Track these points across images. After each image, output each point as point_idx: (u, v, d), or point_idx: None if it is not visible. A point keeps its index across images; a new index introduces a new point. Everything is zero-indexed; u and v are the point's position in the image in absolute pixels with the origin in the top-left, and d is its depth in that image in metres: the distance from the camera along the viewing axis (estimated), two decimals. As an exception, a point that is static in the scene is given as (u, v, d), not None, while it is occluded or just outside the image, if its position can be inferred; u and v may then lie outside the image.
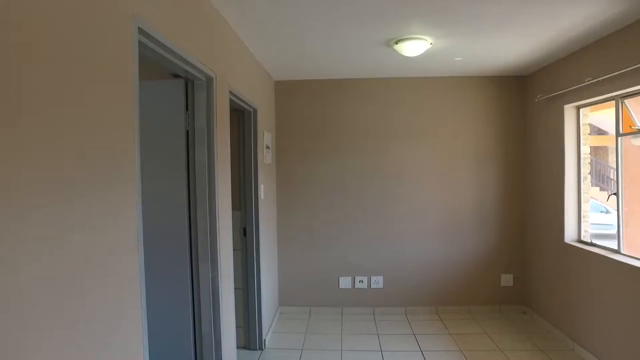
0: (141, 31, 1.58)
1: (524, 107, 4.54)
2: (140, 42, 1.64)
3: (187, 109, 2.47)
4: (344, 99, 4.59)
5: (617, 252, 3.27)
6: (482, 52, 3.62)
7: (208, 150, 2.51)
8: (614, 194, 3.35)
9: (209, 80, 2.49)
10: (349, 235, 4.62)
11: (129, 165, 1.53)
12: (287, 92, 4.62)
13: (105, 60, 1.38)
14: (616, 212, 3.33)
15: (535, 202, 4.39)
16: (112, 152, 1.41)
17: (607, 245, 3.46)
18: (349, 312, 4.63)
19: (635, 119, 3.12)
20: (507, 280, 4.61)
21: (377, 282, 4.61)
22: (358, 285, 4.63)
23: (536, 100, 4.22)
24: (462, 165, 4.58)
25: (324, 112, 4.60)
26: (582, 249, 3.59)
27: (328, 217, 4.63)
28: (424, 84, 4.56)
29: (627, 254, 3.20)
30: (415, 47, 3.20)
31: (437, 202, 4.59)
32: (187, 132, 2.48)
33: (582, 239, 3.80)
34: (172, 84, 2.44)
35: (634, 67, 2.82)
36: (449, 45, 3.39)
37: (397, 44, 3.22)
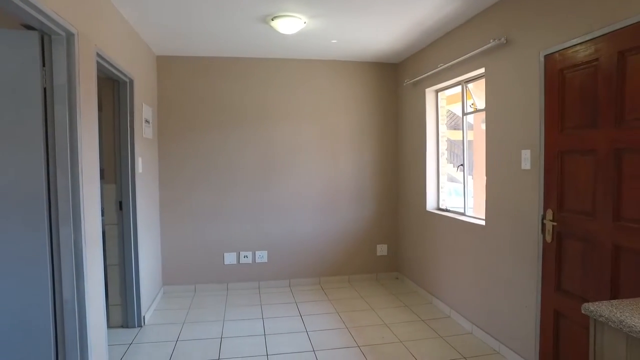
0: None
1: (396, 91, 5.02)
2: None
3: (44, 65, 2.35)
4: (227, 77, 4.64)
5: (463, 214, 3.82)
6: (354, 36, 3.93)
7: (69, 109, 2.40)
8: (462, 165, 3.90)
9: (70, 36, 2.39)
10: (232, 212, 4.69)
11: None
12: (169, 67, 4.52)
13: None
14: (462, 180, 3.89)
15: (405, 176, 4.89)
16: None
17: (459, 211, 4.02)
18: (235, 287, 4.71)
19: (475, 100, 3.67)
20: (382, 250, 5.07)
21: (262, 256, 4.76)
22: (243, 260, 4.73)
23: (404, 84, 4.70)
24: (342, 144, 4.92)
25: (206, 89, 4.60)
26: (438, 214, 4.11)
27: (211, 193, 4.64)
28: (306, 65, 4.79)
29: (470, 215, 3.75)
30: (290, 25, 3.39)
31: (318, 179, 4.87)
32: (45, 89, 2.35)
33: (440, 206, 4.35)
34: (24, 35, 2.28)
35: (470, 54, 3.32)
36: (323, 26, 3.64)
37: (273, 20, 3.37)
